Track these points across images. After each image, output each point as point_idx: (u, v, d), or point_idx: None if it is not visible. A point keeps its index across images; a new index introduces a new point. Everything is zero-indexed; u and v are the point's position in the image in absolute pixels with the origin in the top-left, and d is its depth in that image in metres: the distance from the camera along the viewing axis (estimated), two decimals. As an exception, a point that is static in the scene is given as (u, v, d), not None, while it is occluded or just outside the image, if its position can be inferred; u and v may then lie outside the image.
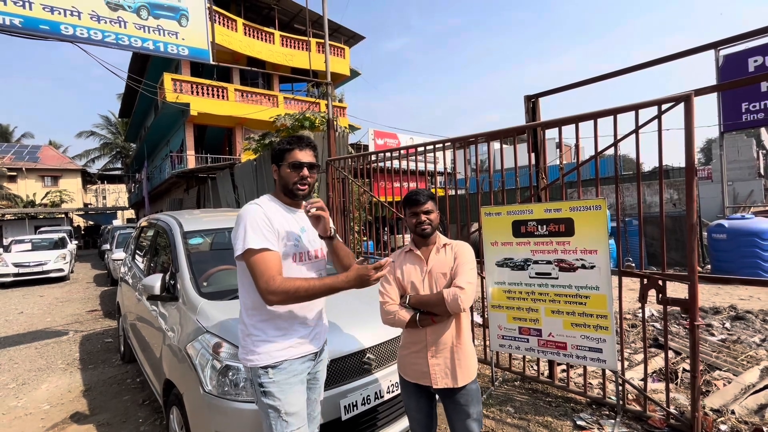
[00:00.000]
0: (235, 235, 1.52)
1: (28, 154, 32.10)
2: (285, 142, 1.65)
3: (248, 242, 1.48)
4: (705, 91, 2.57)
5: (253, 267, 1.47)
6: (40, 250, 12.46)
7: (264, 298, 1.46)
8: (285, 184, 1.63)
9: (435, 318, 1.78)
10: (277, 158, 1.64)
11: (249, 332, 1.56)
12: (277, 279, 1.44)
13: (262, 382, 1.53)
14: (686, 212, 2.54)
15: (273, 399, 1.52)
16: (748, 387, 3.08)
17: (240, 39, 16.90)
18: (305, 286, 1.46)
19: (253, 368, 1.55)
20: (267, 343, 1.54)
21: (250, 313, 1.56)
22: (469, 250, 1.88)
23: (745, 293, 6.40)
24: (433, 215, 1.88)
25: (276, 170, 1.66)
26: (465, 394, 1.82)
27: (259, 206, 1.56)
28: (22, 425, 3.20)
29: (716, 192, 14.21)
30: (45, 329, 6.29)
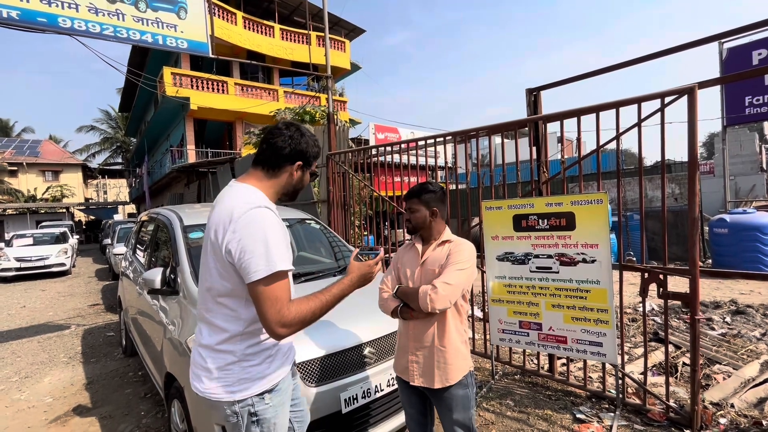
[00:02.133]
0: (246, 250, 1.17)
1: (29, 149, 32.09)
2: (318, 148, 1.43)
3: (276, 262, 1.17)
4: (708, 83, 2.55)
5: (268, 294, 1.16)
6: (42, 244, 12.49)
7: (273, 331, 1.18)
8: (298, 188, 1.43)
9: (413, 312, 1.74)
10: (308, 161, 1.39)
11: (238, 359, 1.27)
12: (291, 307, 1.19)
13: (256, 410, 1.28)
14: (688, 206, 2.52)
15: (267, 426, 1.30)
16: (747, 381, 3.08)
17: (239, 32, 16.79)
18: (320, 306, 1.25)
19: (242, 401, 1.27)
20: (262, 365, 1.30)
21: (240, 339, 1.28)
22: (465, 250, 1.77)
23: (746, 288, 6.40)
24: (416, 214, 1.83)
25: (296, 169, 1.37)
26: (448, 397, 1.75)
27: (272, 212, 1.26)
28: (25, 417, 3.22)
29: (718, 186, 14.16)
30: (47, 323, 6.33)
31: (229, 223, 1.21)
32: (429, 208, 1.82)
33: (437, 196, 1.84)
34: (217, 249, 1.23)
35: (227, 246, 1.20)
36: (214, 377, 1.28)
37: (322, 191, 5.70)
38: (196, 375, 1.32)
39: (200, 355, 1.32)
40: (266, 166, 1.35)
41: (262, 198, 1.29)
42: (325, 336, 2.13)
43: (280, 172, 1.36)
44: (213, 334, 1.29)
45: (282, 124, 1.39)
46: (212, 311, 1.28)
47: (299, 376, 1.95)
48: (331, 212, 5.36)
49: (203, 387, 1.29)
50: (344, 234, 5.24)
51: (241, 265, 1.18)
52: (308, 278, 2.74)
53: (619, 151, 2.98)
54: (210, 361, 1.28)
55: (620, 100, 2.76)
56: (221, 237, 1.21)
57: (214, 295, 1.28)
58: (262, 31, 17.76)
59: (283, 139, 1.35)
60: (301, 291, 1.33)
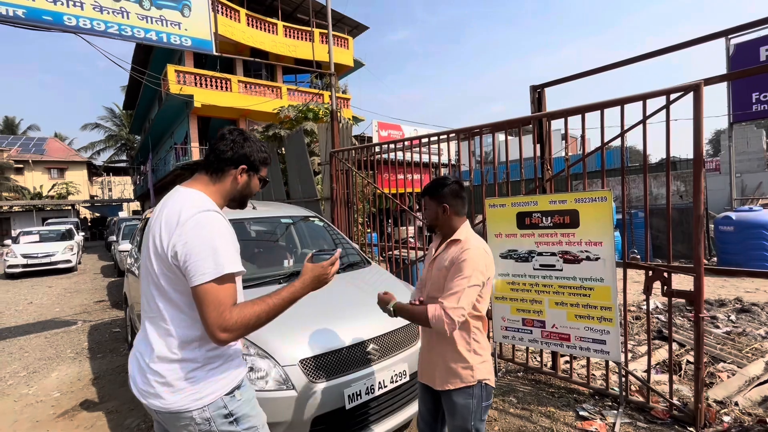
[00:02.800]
0: (193, 252, 1.14)
1: (35, 147, 32.35)
2: (266, 153, 1.42)
3: (224, 265, 1.15)
4: (715, 80, 2.53)
5: (212, 297, 1.13)
6: (48, 241, 12.60)
7: (214, 336, 1.14)
8: (248, 194, 1.40)
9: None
10: (253, 165, 1.37)
11: (201, 363, 1.23)
12: (234, 311, 1.15)
13: (231, 410, 1.25)
14: (693, 204, 2.51)
15: (248, 420, 1.30)
16: (752, 379, 3.07)
17: (243, 30, 16.79)
18: (266, 310, 1.20)
19: (212, 404, 1.22)
20: (226, 365, 1.28)
21: (199, 344, 1.23)
22: (472, 258, 1.61)
23: (751, 286, 6.36)
24: (427, 212, 1.78)
25: (243, 175, 1.34)
26: (448, 402, 1.71)
27: (221, 215, 1.24)
28: (33, 412, 3.27)
29: (724, 184, 14.04)
30: (54, 319, 6.40)
31: (176, 227, 1.17)
32: (440, 204, 1.74)
33: (449, 191, 1.74)
34: (162, 253, 1.19)
35: (173, 249, 1.16)
36: (177, 389, 1.20)
37: (326, 188, 5.71)
38: (154, 394, 1.21)
39: (154, 371, 1.21)
40: (210, 171, 1.33)
41: (210, 202, 1.26)
42: (329, 333, 2.14)
43: (224, 177, 1.33)
44: (168, 344, 1.21)
45: (226, 130, 1.36)
46: (164, 318, 1.22)
47: (303, 372, 1.97)
48: (334, 209, 5.37)
49: (165, 403, 1.20)
50: (347, 231, 5.26)
51: (187, 267, 1.14)
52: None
53: (624, 148, 2.97)
54: (169, 374, 1.20)
55: (625, 97, 2.75)
56: (167, 241, 1.18)
57: (166, 302, 1.22)
58: (265, 28, 17.75)
59: (225, 143, 1.33)
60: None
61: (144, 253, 1.28)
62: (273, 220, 3.65)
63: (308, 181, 6.38)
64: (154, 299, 1.23)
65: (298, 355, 1.99)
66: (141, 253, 1.31)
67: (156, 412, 1.24)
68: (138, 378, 1.27)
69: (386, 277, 3.08)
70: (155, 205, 1.45)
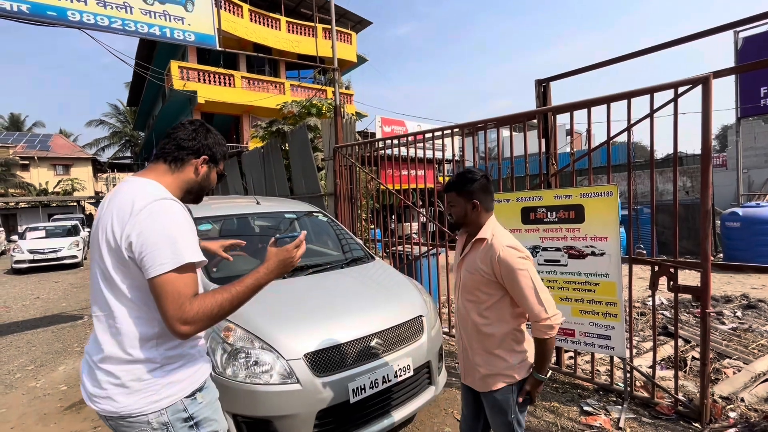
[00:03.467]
0: (149, 242, 1.07)
1: (40, 143, 32.52)
2: (225, 147, 1.36)
3: (183, 254, 1.08)
4: (724, 73, 2.49)
5: (169, 289, 1.06)
6: (54, 237, 12.70)
7: (174, 329, 1.07)
8: (204, 187, 1.32)
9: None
10: (214, 157, 1.31)
11: (159, 363, 1.15)
12: (194, 303, 1.08)
13: (192, 413, 1.18)
14: (701, 198, 2.48)
15: (209, 424, 1.22)
16: (758, 375, 3.05)
17: (246, 25, 16.76)
18: (229, 298, 1.13)
19: (171, 407, 1.15)
20: (188, 364, 1.20)
21: (156, 342, 1.15)
22: (509, 262, 1.52)
23: (758, 282, 6.31)
24: (455, 208, 1.67)
25: (203, 166, 1.28)
26: (487, 398, 1.67)
27: (177, 203, 1.18)
28: (40, 405, 3.31)
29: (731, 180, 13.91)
30: (61, 314, 6.46)
31: (129, 217, 1.09)
32: (469, 201, 1.63)
33: (479, 186, 1.62)
34: (114, 245, 1.10)
35: (127, 240, 1.08)
36: (133, 391, 1.11)
37: (329, 184, 5.71)
38: (106, 397, 1.12)
39: (106, 371, 1.13)
40: (169, 160, 1.24)
41: (164, 191, 1.18)
42: (333, 327, 2.15)
43: (184, 166, 1.25)
44: (120, 343, 1.12)
45: (186, 120, 1.31)
46: (116, 316, 1.13)
47: (308, 366, 1.97)
48: (337, 205, 5.37)
49: (119, 405, 1.11)
50: (351, 227, 5.26)
51: (143, 259, 1.07)
52: (316, 270, 2.75)
53: (630, 143, 2.94)
54: (124, 374, 1.12)
55: (632, 90, 2.71)
56: (119, 232, 1.09)
57: (118, 298, 1.13)
58: (268, 23, 17.71)
59: (186, 132, 1.26)
60: (308, 282, 1.33)
61: (93, 248, 1.18)
62: (276, 216, 3.65)
63: (312, 176, 6.38)
64: (104, 296, 1.14)
65: (303, 349, 2.00)
66: (90, 249, 1.22)
67: (107, 418, 1.15)
68: (87, 381, 1.17)
69: (390, 272, 3.08)
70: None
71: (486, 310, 1.63)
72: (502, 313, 1.62)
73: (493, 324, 1.62)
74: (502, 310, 1.61)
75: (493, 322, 1.62)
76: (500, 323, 1.62)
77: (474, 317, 1.65)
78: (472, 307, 1.66)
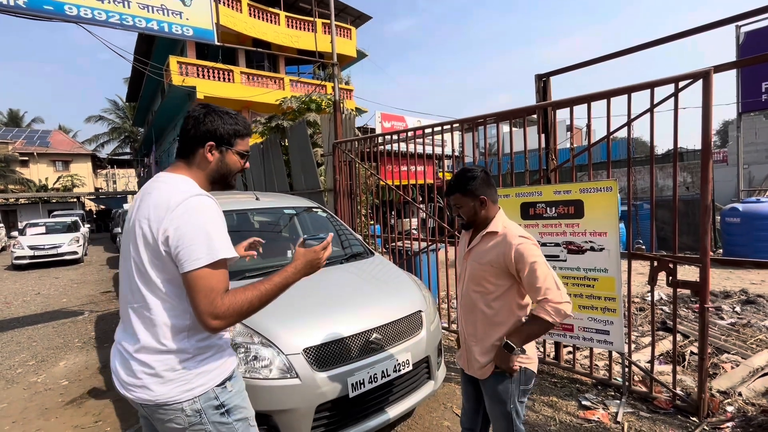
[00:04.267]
0: (185, 237, 1.10)
1: (39, 139, 32.45)
2: (238, 123, 1.30)
3: (218, 250, 1.12)
4: (725, 67, 2.47)
5: (203, 283, 1.10)
6: (54, 233, 12.71)
7: (205, 323, 1.11)
8: (227, 172, 1.31)
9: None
10: (223, 140, 1.27)
11: (192, 354, 1.19)
12: (225, 298, 1.12)
13: (223, 401, 1.22)
14: (701, 193, 2.48)
15: (240, 411, 1.27)
16: (756, 370, 3.06)
17: (245, 20, 16.65)
18: (258, 296, 1.17)
19: (203, 395, 1.19)
20: (217, 354, 1.25)
21: (189, 334, 1.19)
22: (527, 252, 1.54)
23: (757, 278, 6.32)
24: (463, 209, 1.67)
25: (213, 153, 1.26)
26: (486, 386, 1.70)
27: (212, 199, 1.19)
28: (42, 400, 3.32)
29: (731, 175, 13.88)
30: (61, 309, 6.48)
31: (166, 212, 1.13)
32: (475, 198, 1.63)
33: (481, 181, 1.63)
34: (152, 241, 1.14)
35: (164, 234, 1.12)
36: (167, 380, 1.16)
37: (329, 180, 5.70)
38: (141, 386, 1.16)
39: (140, 362, 1.17)
40: (182, 156, 1.27)
41: (196, 186, 1.22)
42: (332, 322, 2.15)
43: (194, 158, 1.26)
44: (155, 334, 1.17)
45: (190, 109, 1.29)
46: (151, 308, 1.17)
47: (307, 361, 1.98)
48: (337, 201, 5.36)
49: (154, 394, 1.16)
50: (351, 223, 5.26)
51: (179, 253, 1.10)
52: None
53: (630, 138, 2.93)
54: (158, 364, 1.16)
55: (632, 85, 2.70)
56: (156, 227, 1.13)
57: (153, 291, 1.17)
58: (267, 18, 17.59)
59: (187, 122, 1.26)
60: (308, 277, 1.33)
61: (126, 243, 1.22)
62: (276, 211, 3.65)
63: (311, 172, 6.37)
64: (139, 289, 1.18)
65: (302, 344, 2.00)
66: (122, 244, 1.25)
67: (142, 405, 1.20)
68: (122, 371, 1.21)
69: (390, 267, 3.08)
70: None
71: (494, 301, 1.66)
72: (510, 303, 1.65)
73: (500, 313, 1.65)
74: (509, 300, 1.65)
75: (500, 311, 1.65)
76: (507, 313, 1.65)
77: (482, 307, 1.68)
78: (479, 298, 1.68)
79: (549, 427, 2.55)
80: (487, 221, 1.67)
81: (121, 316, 1.27)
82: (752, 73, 10.34)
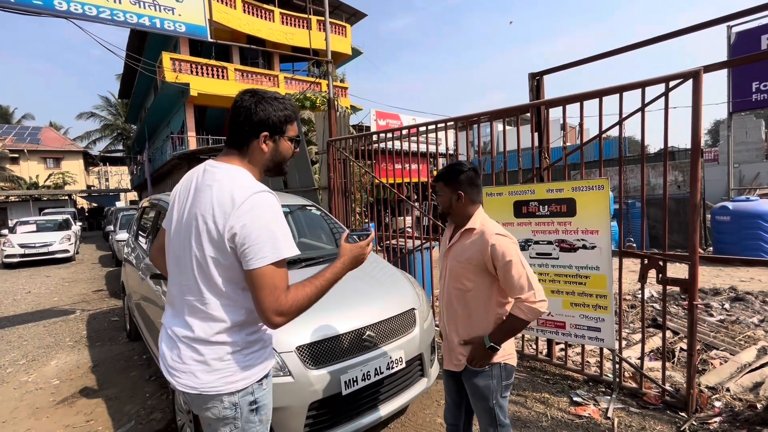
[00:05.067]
0: (252, 235, 1.11)
1: (29, 136, 31.99)
2: (287, 108, 1.27)
3: (282, 249, 1.13)
4: (715, 67, 2.50)
5: (268, 281, 1.11)
6: (45, 231, 12.56)
7: (269, 320, 1.13)
8: (281, 160, 1.30)
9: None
10: (276, 128, 1.25)
11: (241, 347, 1.21)
12: (289, 295, 1.14)
13: (256, 398, 1.24)
14: (690, 192, 2.51)
15: (265, 411, 1.28)
16: (744, 366, 3.12)
17: (239, 16, 16.52)
18: (315, 292, 1.20)
19: (243, 390, 1.21)
20: (260, 353, 1.27)
21: (239, 328, 1.21)
22: (503, 249, 1.57)
23: (746, 275, 6.41)
24: (440, 198, 1.73)
25: (267, 143, 1.25)
26: (468, 382, 1.73)
27: (273, 195, 1.19)
28: (33, 399, 3.29)
29: (722, 174, 14.04)
30: (52, 308, 6.41)
31: (232, 209, 1.12)
32: (454, 191, 1.69)
33: (465, 178, 1.68)
34: (217, 237, 1.14)
35: (231, 231, 1.12)
36: (213, 369, 1.18)
37: (323, 178, 5.69)
38: (189, 372, 1.19)
39: (192, 348, 1.19)
40: (235, 147, 1.26)
41: (255, 180, 1.22)
42: (325, 320, 2.15)
43: (249, 150, 1.25)
44: (208, 326, 1.19)
45: (238, 96, 1.25)
46: (207, 302, 1.18)
47: (300, 359, 1.98)
48: (331, 199, 5.36)
49: (199, 382, 1.18)
50: (345, 221, 5.25)
51: (245, 251, 1.11)
52: (309, 263, 2.75)
53: (621, 136, 2.96)
54: (208, 353, 1.19)
55: (623, 84, 2.73)
56: (222, 223, 1.13)
57: (212, 288, 1.18)
58: (261, 15, 17.47)
59: (238, 113, 1.23)
60: (300, 277, 1.33)
61: (184, 235, 1.21)
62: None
63: (305, 170, 6.35)
64: (197, 284, 1.19)
65: (295, 342, 2.00)
66: (173, 233, 1.26)
67: (183, 392, 1.22)
68: (169, 355, 1.24)
69: (383, 265, 3.09)
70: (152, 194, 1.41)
71: (474, 298, 1.68)
72: (490, 300, 1.67)
73: (480, 310, 1.68)
74: (489, 297, 1.67)
75: (481, 308, 1.68)
76: (488, 310, 1.68)
77: (462, 304, 1.71)
78: (460, 295, 1.71)
79: (541, 422, 2.58)
80: (464, 218, 1.71)
81: (172, 303, 1.29)
82: (742, 73, 10.46)
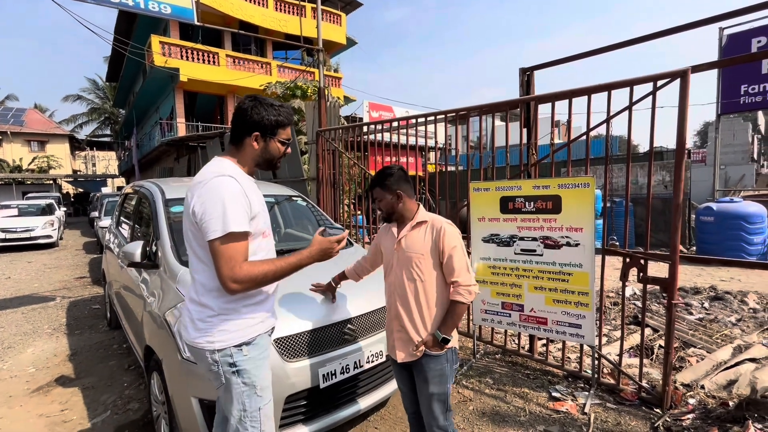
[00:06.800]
0: (206, 212, 1.32)
1: (13, 117, 31.10)
2: (281, 115, 1.48)
3: (230, 224, 1.31)
4: (703, 67, 2.50)
5: (223, 251, 1.31)
6: (27, 215, 12.28)
7: (225, 286, 1.33)
8: (271, 158, 1.52)
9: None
10: (266, 130, 1.46)
11: (216, 312, 1.41)
12: (244, 266, 1.32)
13: (235, 361, 1.42)
14: (673, 192, 2.52)
15: (248, 376, 1.44)
16: (719, 364, 3.18)
17: (231, 1, 16.16)
18: (273, 270, 1.39)
19: (220, 350, 1.41)
20: (239, 320, 1.43)
21: (216, 294, 1.41)
22: (449, 233, 1.74)
23: (727, 275, 6.54)
24: (382, 203, 1.83)
25: (258, 142, 1.47)
26: (420, 369, 1.79)
27: (235, 180, 1.37)
28: (6, 387, 3.22)
29: (709, 175, 14.26)
30: (32, 295, 6.28)
31: (196, 189, 1.37)
32: (392, 192, 1.80)
33: (397, 177, 1.81)
34: (190, 213, 1.38)
35: (193, 207, 1.36)
36: (197, 328, 1.42)
37: (312, 168, 5.62)
38: (185, 326, 1.48)
39: (187, 309, 1.48)
40: (233, 142, 1.50)
41: (230, 168, 1.42)
42: (305, 312, 2.12)
43: (242, 146, 1.48)
44: (197, 289, 1.44)
45: (242, 99, 1.48)
46: (197, 270, 1.44)
47: (277, 351, 1.95)
48: (320, 190, 5.30)
49: (189, 336, 1.45)
50: (333, 212, 5.21)
51: (202, 225, 1.33)
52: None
53: (608, 135, 2.96)
54: (195, 313, 1.44)
55: (612, 82, 2.72)
56: (191, 201, 1.38)
57: (195, 254, 1.43)
58: (255, 0, 17.11)
59: (237, 113, 1.47)
60: None
61: (185, 211, 1.46)
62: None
63: (295, 160, 6.27)
64: (191, 250, 1.45)
65: (273, 334, 1.97)
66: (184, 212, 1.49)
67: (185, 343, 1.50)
68: (183, 312, 1.54)
69: (367, 258, 3.06)
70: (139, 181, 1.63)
71: (428, 287, 1.78)
72: (440, 288, 1.79)
73: (435, 299, 1.79)
74: (439, 285, 1.79)
75: (435, 297, 1.79)
76: (443, 298, 1.79)
77: (417, 295, 1.79)
78: (414, 286, 1.79)
79: (519, 417, 2.60)
80: (406, 214, 1.83)
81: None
82: (732, 76, 10.57)
